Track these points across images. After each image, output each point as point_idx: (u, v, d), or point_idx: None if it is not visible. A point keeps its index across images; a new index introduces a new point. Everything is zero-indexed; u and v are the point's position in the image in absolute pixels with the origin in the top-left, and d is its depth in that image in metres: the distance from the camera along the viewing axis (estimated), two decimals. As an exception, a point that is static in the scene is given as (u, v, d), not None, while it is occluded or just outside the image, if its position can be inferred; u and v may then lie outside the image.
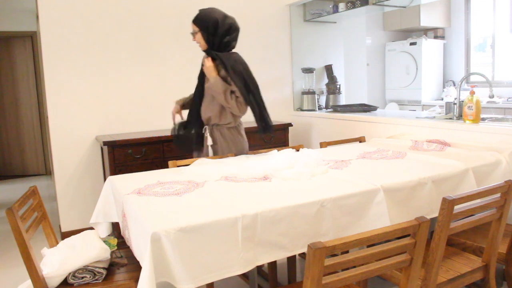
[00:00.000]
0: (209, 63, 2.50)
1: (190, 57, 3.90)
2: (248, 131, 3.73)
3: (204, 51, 2.56)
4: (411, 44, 5.86)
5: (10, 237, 3.56)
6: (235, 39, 2.53)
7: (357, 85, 5.69)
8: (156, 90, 3.78)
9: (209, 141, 2.60)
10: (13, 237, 1.68)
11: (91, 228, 2.13)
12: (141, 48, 3.69)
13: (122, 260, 1.97)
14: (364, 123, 3.50)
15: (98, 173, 3.59)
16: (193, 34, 2.50)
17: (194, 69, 3.92)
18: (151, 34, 3.75)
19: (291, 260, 2.44)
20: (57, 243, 1.98)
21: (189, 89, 3.92)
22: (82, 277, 1.78)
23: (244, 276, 2.58)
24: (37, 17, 3.44)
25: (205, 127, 2.63)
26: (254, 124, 3.81)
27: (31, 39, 6.02)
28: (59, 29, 3.40)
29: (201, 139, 2.63)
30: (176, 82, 3.86)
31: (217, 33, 2.44)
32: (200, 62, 4.12)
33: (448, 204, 1.52)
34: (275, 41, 4.29)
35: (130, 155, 3.22)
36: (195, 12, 2.52)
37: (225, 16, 2.48)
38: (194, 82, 4.12)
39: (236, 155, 2.53)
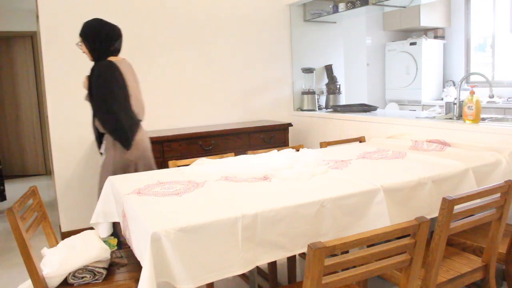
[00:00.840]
0: (84, 78, 2.61)
1: (189, 57, 3.91)
2: (248, 131, 3.77)
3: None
4: (411, 44, 5.86)
5: (10, 237, 3.56)
6: (112, 44, 2.57)
7: (357, 85, 5.69)
8: (155, 90, 3.78)
9: (101, 149, 2.64)
10: (13, 237, 1.68)
11: (91, 228, 2.14)
12: (140, 48, 3.68)
13: (122, 260, 1.97)
14: (364, 123, 3.50)
15: (98, 173, 3.58)
16: (79, 45, 2.60)
17: (193, 69, 3.94)
18: (150, 34, 3.75)
19: (291, 260, 2.44)
20: (57, 243, 1.98)
21: (188, 89, 3.94)
22: (82, 277, 1.78)
23: (244, 276, 2.58)
24: (37, 17, 3.44)
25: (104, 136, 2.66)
26: (253, 124, 3.84)
27: (31, 39, 6.02)
28: (59, 29, 3.40)
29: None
30: (175, 82, 3.86)
31: (95, 40, 2.52)
32: (196, 64, 4.12)
33: (448, 204, 1.52)
34: (275, 41, 4.29)
35: (130, 155, 3.22)
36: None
37: (104, 24, 2.55)
38: (193, 82, 4.13)
39: (129, 161, 2.53)
